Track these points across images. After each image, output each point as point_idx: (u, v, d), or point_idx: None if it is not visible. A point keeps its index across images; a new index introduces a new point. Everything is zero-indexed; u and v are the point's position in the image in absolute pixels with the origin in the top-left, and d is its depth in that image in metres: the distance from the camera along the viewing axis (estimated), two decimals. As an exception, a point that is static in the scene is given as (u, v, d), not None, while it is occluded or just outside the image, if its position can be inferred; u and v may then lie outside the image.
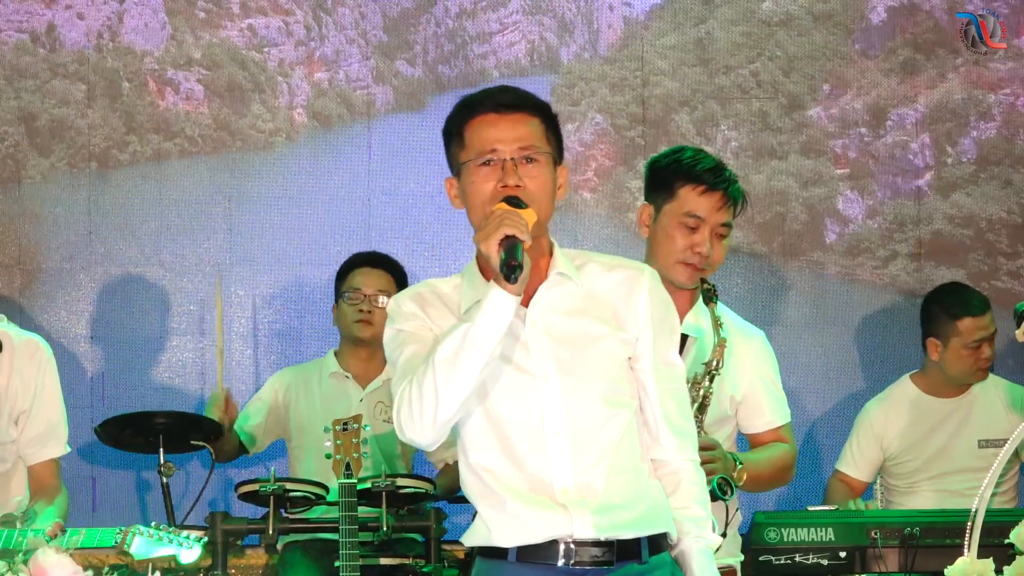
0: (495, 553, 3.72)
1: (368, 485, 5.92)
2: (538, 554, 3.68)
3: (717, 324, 4.76)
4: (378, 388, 6.67)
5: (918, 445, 6.62)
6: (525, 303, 3.69)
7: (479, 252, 3.71)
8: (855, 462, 6.68)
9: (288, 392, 6.74)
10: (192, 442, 6.33)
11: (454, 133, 3.77)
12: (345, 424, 5.82)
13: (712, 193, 4.76)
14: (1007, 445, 5.65)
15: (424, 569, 6.04)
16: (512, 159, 3.68)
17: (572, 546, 3.66)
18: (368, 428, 5.88)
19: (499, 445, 3.69)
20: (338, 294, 6.74)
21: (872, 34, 8.21)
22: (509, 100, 3.75)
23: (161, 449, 6.24)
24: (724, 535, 4.27)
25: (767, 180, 7.79)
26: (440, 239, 7.54)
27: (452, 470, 6.52)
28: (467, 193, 3.73)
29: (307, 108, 7.74)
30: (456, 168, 3.78)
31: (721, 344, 4.75)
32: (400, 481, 6.06)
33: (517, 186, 3.66)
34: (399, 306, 3.78)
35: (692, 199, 4.76)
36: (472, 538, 3.77)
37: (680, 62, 8.01)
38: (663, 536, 3.76)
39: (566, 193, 3.80)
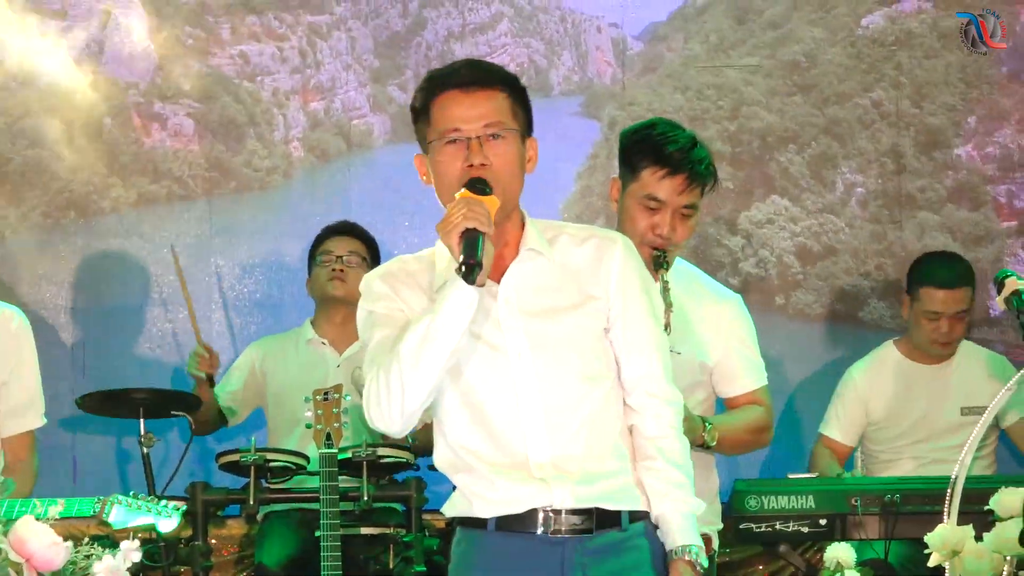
0: (475, 523, 3.69)
1: (348, 455, 5.94)
2: (517, 523, 3.64)
3: (666, 289, 4.63)
4: (355, 353, 6.61)
5: (902, 410, 6.63)
6: (497, 279, 3.66)
7: None
8: (840, 426, 6.67)
9: (265, 361, 6.74)
10: (172, 412, 6.35)
11: (420, 110, 3.73)
12: (326, 394, 5.81)
13: (674, 177, 4.60)
14: (987, 411, 5.71)
15: (405, 538, 6.06)
16: (477, 137, 3.63)
17: (551, 514, 3.62)
18: (348, 398, 5.86)
19: (475, 423, 3.67)
20: (312, 262, 6.74)
21: (1026, 53, 7.34)
22: (473, 76, 3.69)
23: (141, 420, 6.24)
24: None
25: (916, 237, 7.06)
26: (420, 207, 7.26)
27: (431, 428, 6.56)
28: (434, 172, 3.70)
29: (303, 141, 7.48)
30: (424, 145, 3.74)
31: (668, 309, 4.59)
32: (381, 451, 6.07)
33: (483, 165, 3.62)
34: (370, 286, 3.75)
35: (653, 182, 4.61)
36: (452, 509, 3.75)
37: (772, 90, 7.39)
38: (643, 512, 3.72)
39: (535, 166, 3.74)
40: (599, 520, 3.64)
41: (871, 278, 7.15)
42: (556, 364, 3.65)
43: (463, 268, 3.49)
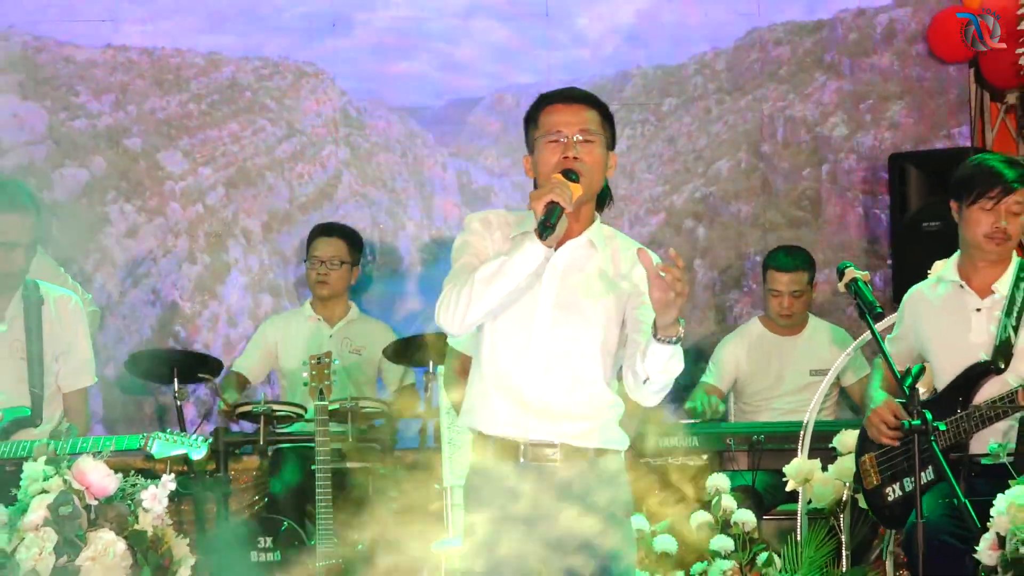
0: (480, 448, 4.02)
1: (337, 406, 6.25)
2: (506, 452, 3.96)
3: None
4: (343, 327, 7.02)
5: (762, 371, 6.94)
6: (556, 248, 3.95)
7: None
8: (715, 376, 6.99)
9: (277, 335, 7.08)
10: (199, 375, 6.71)
11: (530, 119, 4.03)
12: (319, 358, 6.16)
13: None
14: (830, 372, 6.16)
15: (381, 471, 6.40)
16: (573, 137, 3.95)
17: (529, 447, 3.93)
18: (337, 362, 6.21)
19: (499, 349, 3.98)
20: (306, 256, 7.07)
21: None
22: (573, 94, 4.04)
23: (176, 379, 6.60)
24: None
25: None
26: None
27: (405, 393, 6.95)
28: (537, 163, 3.98)
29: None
30: (531, 146, 4.03)
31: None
32: (362, 402, 6.43)
33: (575, 158, 3.92)
34: (470, 222, 4.05)
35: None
36: (465, 418, 4.07)
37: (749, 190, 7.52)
38: (607, 450, 3.98)
39: (614, 172, 4.07)
40: (568, 453, 3.92)
41: None
42: (570, 325, 3.93)
43: (539, 226, 3.78)
